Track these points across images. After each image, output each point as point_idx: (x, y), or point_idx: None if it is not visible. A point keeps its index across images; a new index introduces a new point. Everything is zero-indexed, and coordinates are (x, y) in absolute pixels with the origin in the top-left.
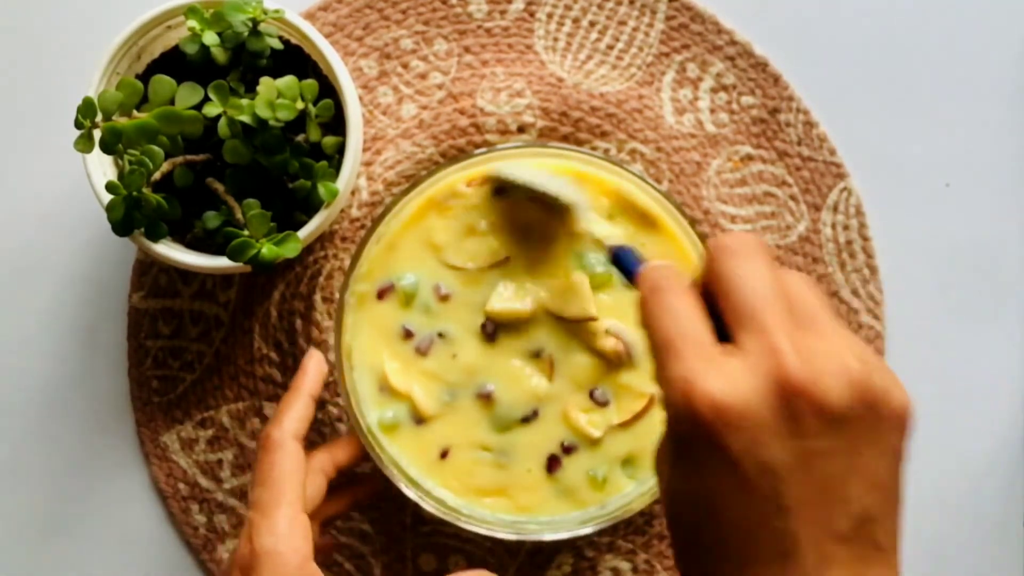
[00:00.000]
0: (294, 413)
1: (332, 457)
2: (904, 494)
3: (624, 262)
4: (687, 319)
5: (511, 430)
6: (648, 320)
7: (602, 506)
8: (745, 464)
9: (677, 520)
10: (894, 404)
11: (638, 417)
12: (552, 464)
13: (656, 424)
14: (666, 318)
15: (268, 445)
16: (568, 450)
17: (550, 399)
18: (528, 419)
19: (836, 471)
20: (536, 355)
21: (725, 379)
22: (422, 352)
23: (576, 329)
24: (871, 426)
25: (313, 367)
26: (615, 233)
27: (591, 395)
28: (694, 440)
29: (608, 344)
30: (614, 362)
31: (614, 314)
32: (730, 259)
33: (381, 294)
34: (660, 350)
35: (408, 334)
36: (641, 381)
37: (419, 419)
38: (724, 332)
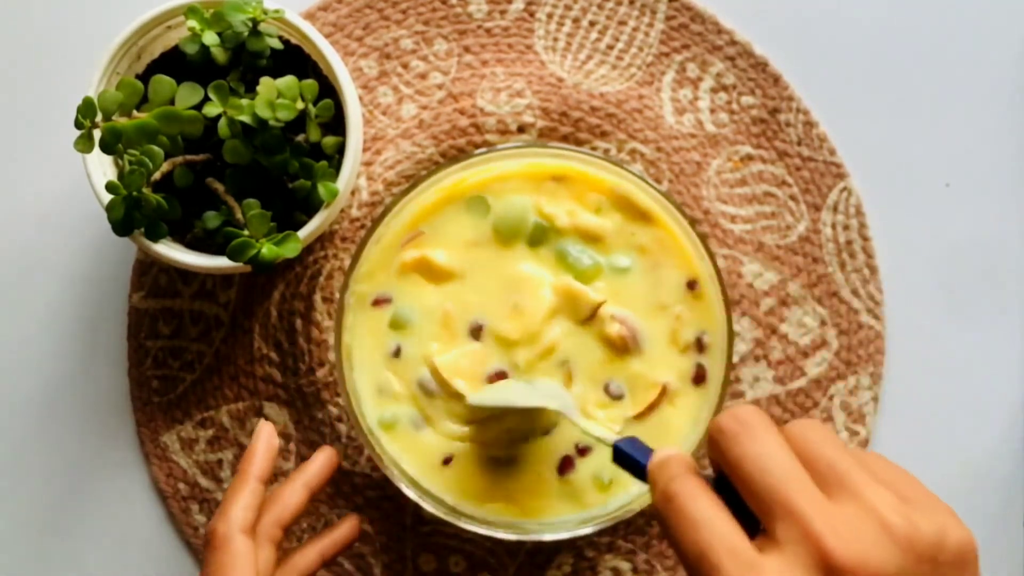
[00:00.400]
0: (241, 502)
1: (278, 519)
2: None
3: (629, 456)
4: (713, 525)
5: (525, 444)
6: (672, 534)
7: (603, 506)
8: None
9: None
10: (951, 545)
11: (652, 408)
12: (565, 466)
13: (666, 418)
14: (690, 529)
15: (215, 543)
16: (583, 451)
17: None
18: (547, 432)
19: None
20: (557, 366)
21: None
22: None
23: (586, 324)
24: (931, 571)
25: (262, 447)
26: (610, 430)
27: (606, 389)
28: None
29: (613, 330)
30: (621, 348)
31: (612, 299)
32: (733, 443)
33: (377, 303)
34: (694, 565)
35: (397, 352)
36: (651, 368)
37: (419, 423)
38: (750, 514)
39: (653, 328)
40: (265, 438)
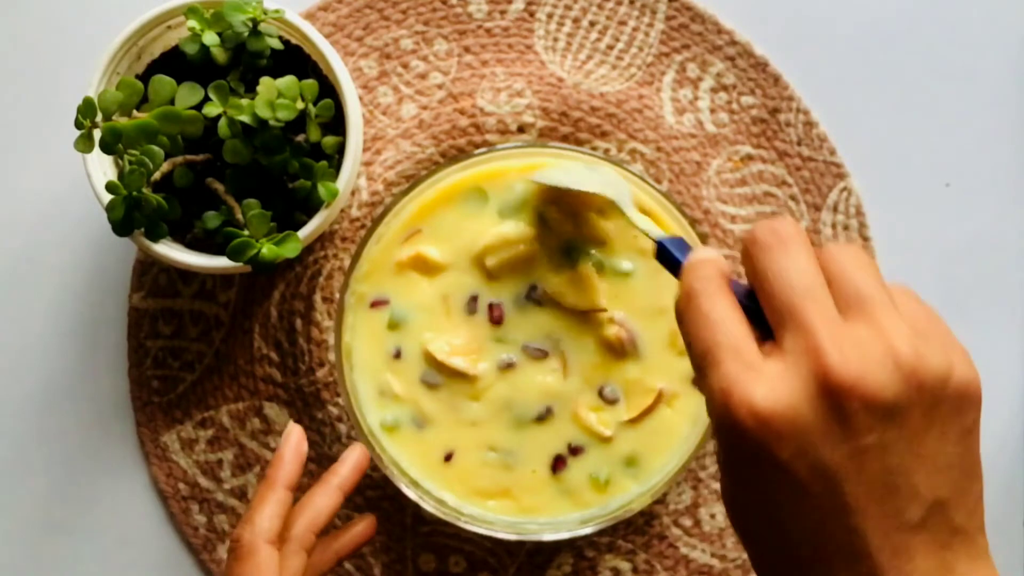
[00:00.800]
0: (268, 510)
1: (312, 524)
2: (980, 471)
3: (670, 253)
4: (724, 324)
5: (524, 429)
6: (685, 329)
7: (603, 506)
8: (798, 471)
9: (743, 531)
10: (954, 382)
11: (647, 413)
12: (557, 465)
13: (664, 420)
14: (702, 325)
15: (239, 552)
16: (575, 451)
17: (562, 398)
18: (542, 417)
19: (897, 463)
20: (547, 351)
21: (765, 385)
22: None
23: (584, 320)
24: (930, 409)
25: (289, 453)
26: (656, 228)
27: (600, 393)
28: (742, 451)
29: (611, 332)
30: (619, 351)
31: (613, 302)
32: (764, 254)
33: (375, 304)
34: (699, 360)
35: (398, 354)
36: (648, 374)
37: (421, 422)
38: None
39: (652, 332)
40: (294, 444)
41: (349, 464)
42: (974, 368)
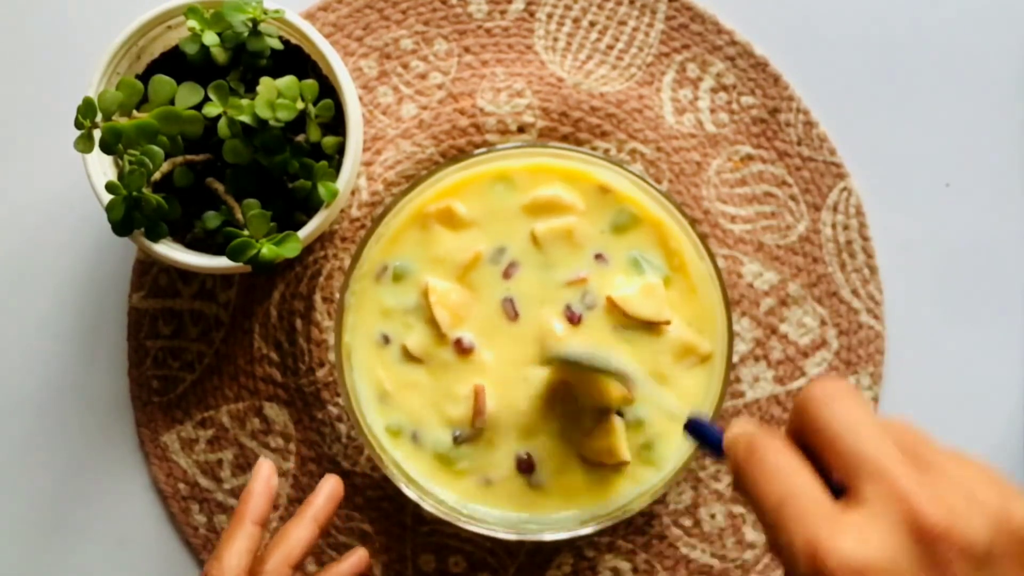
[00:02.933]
0: (236, 546)
1: (287, 558)
2: None
3: (704, 432)
4: (797, 476)
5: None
6: (753, 486)
7: (602, 506)
8: None
9: None
10: None
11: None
12: (525, 467)
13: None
14: (774, 479)
15: None
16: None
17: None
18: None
19: None
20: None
21: (855, 536)
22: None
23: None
24: (1021, 559)
25: (259, 488)
26: (679, 404)
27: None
28: None
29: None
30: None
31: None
32: (826, 406)
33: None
34: (774, 514)
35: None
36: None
37: (418, 436)
38: (831, 488)
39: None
40: (263, 479)
41: (323, 495)
42: None
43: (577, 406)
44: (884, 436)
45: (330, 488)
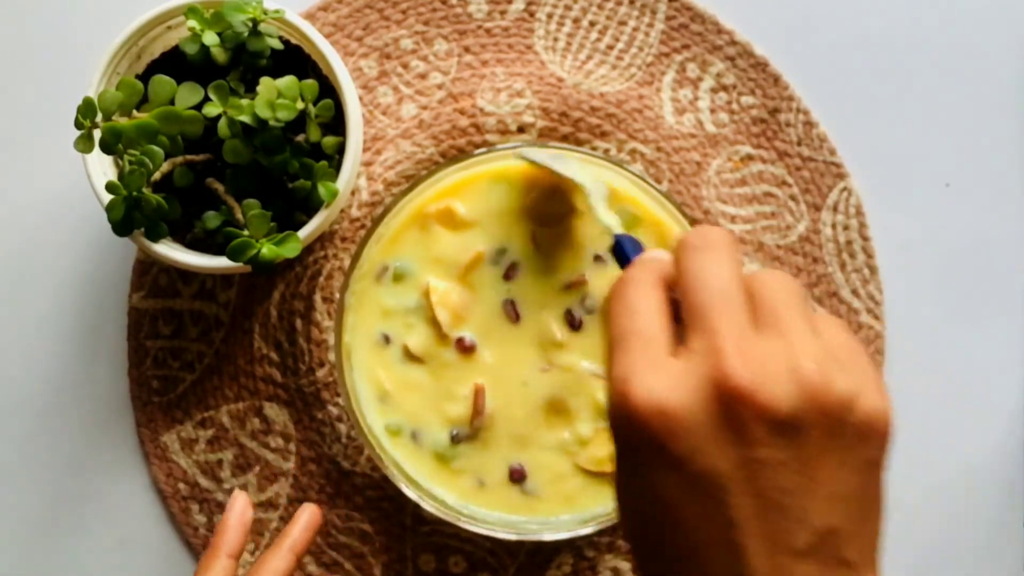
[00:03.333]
0: None
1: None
2: (882, 507)
3: (623, 250)
4: (644, 315)
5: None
6: (608, 314)
7: (602, 506)
8: (686, 471)
9: (632, 531)
10: (862, 412)
11: None
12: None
13: None
14: (623, 312)
15: None
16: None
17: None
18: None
19: (789, 483)
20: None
21: (665, 379)
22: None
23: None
24: (830, 434)
25: (233, 520)
26: (619, 225)
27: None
28: (634, 441)
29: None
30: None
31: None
32: (692, 254)
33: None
34: (611, 345)
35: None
36: None
37: (418, 435)
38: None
39: None
40: (238, 512)
41: (301, 525)
42: (887, 402)
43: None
44: (730, 292)
45: (307, 518)
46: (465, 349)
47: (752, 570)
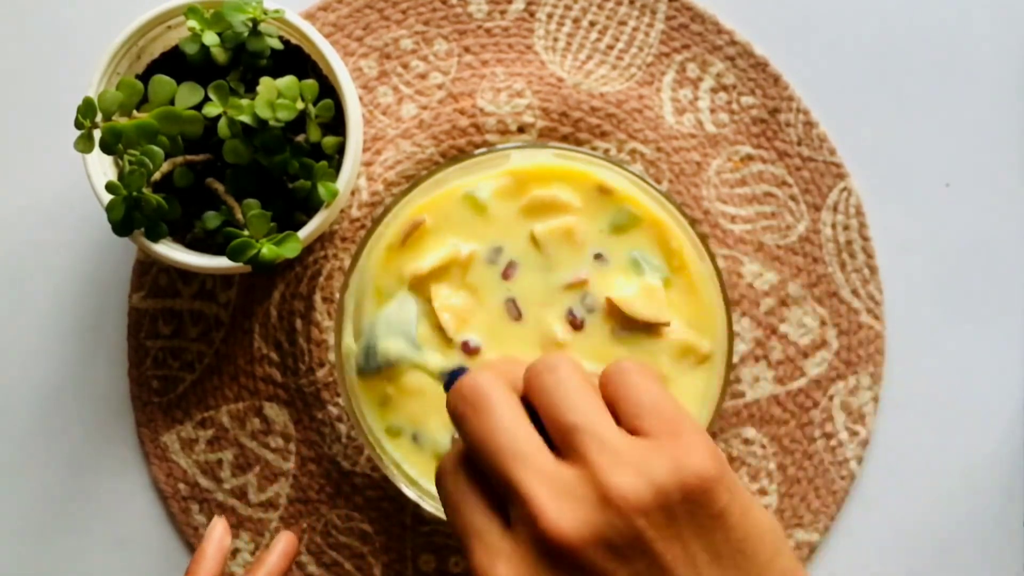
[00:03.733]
0: None
1: None
2: (763, 526)
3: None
4: (466, 512)
5: None
6: (477, 430)
7: None
8: None
9: None
10: (688, 483)
11: None
12: None
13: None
14: (453, 515)
15: None
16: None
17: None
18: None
19: None
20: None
21: (505, 565)
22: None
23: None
24: (669, 523)
25: (211, 549)
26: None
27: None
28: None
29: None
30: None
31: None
32: (467, 425)
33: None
34: (459, 540)
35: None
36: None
37: (419, 438)
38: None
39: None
40: (216, 540)
41: (277, 552)
42: (705, 449)
43: None
44: (523, 443)
45: (284, 545)
46: (470, 352)
47: None
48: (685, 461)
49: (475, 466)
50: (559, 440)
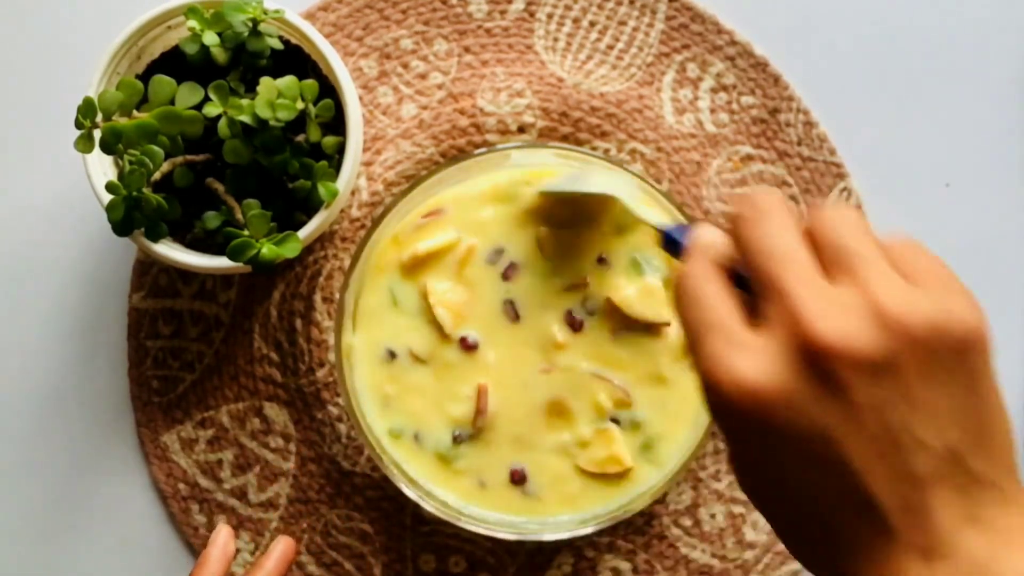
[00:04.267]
0: None
1: None
2: (1001, 413)
3: (674, 241)
4: (711, 304)
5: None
6: (678, 312)
7: (602, 506)
8: (795, 436)
9: (757, 501)
10: (951, 329)
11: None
12: (516, 478)
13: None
14: (690, 306)
15: None
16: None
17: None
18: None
19: (896, 418)
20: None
21: (749, 359)
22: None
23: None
24: (925, 360)
25: (215, 554)
26: (663, 219)
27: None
28: (736, 424)
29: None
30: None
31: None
32: (744, 227)
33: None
34: (690, 343)
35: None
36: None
37: (420, 438)
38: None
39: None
40: (220, 544)
41: (275, 557)
42: (976, 311)
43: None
44: (793, 251)
45: (282, 550)
46: (469, 348)
47: (885, 508)
48: (960, 313)
49: (726, 276)
50: (832, 260)
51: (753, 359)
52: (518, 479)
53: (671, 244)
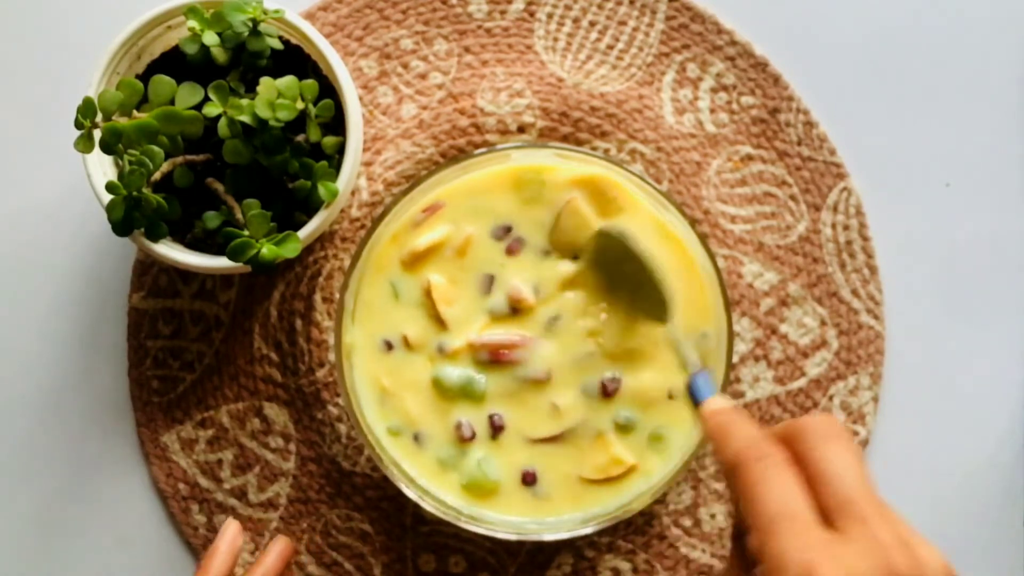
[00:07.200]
0: None
1: None
2: None
3: (696, 392)
4: (794, 496)
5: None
6: (753, 488)
7: (603, 506)
8: None
9: None
10: None
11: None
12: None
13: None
14: (773, 491)
15: None
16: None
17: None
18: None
19: None
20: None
21: (844, 568)
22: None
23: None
24: None
25: (224, 546)
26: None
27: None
28: None
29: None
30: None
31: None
32: (823, 444)
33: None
34: (768, 523)
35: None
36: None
37: (420, 438)
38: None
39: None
40: (229, 539)
41: (273, 555)
42: (939, 555)
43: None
44: (868, 485)
45: (280, 549)
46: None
47: None
48: (936, 558)
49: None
50: (831, 505)
51: (846, 569)
52: (529, 479)
53: (693, 391)
